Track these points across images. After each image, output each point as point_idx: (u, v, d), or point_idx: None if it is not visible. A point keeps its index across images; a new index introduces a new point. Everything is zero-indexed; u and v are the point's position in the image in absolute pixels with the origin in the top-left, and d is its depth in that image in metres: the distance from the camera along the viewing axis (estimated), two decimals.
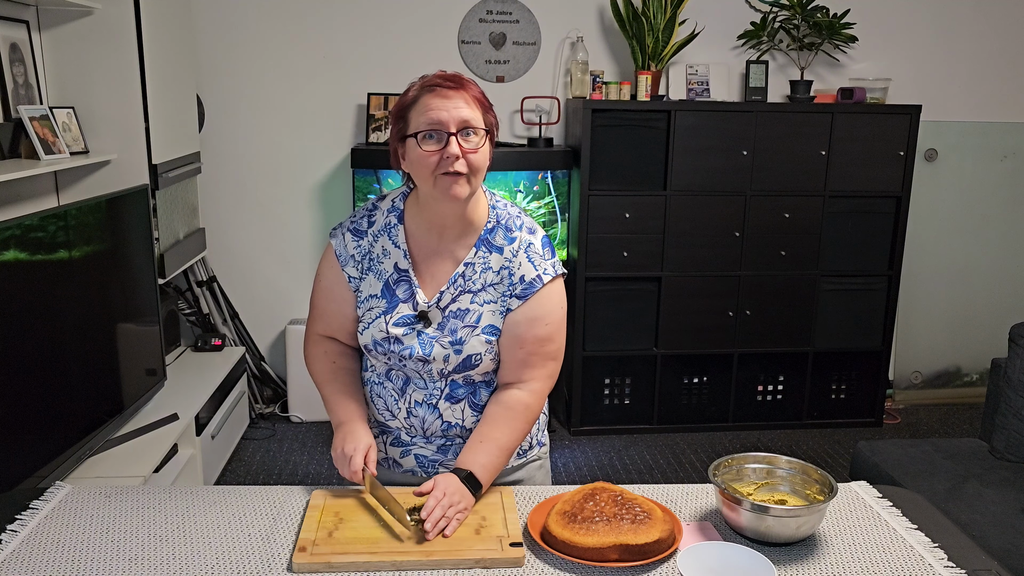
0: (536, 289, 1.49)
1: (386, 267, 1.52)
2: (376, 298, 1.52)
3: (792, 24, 3.91)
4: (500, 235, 1.51)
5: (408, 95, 1.44)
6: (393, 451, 1.61)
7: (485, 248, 1.50)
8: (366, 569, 1.28)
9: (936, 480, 2.53)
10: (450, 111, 1.39)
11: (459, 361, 1.49)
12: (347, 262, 1.54)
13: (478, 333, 1.49)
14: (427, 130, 1.39)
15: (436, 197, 1.43)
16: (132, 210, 2.83)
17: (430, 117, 1.39)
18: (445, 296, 1.50)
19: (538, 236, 1.53)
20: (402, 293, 1.51)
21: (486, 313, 1.49)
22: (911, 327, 4.36)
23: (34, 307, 2.26)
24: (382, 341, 1.50)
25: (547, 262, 1.51)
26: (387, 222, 1.54)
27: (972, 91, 4.24)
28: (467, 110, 1.40)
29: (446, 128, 1.39)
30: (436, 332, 1.49)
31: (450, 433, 1.56)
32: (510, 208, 1.55)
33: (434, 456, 1.59)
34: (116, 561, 1.30)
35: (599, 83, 3.76)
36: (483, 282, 1.50)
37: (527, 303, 1.49)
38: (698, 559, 1.31)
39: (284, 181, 3.97)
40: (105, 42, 2.89)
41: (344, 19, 3.83)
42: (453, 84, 1.41)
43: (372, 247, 1.53)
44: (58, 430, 2.37)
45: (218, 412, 3.29)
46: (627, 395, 3.90)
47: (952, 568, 1.31)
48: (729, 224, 3.77)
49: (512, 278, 1.49)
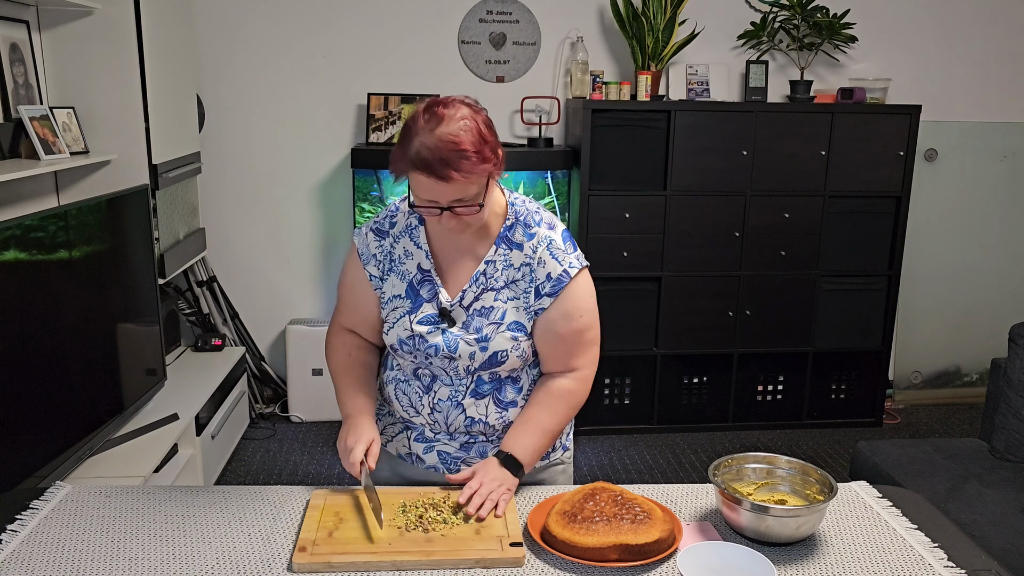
0: (565, 284, 1.50)
1: (408, 267, 1.54)
2: (400, 298, 1.54)
3: (792, 24, 3.91)
4: (519, 232, 1.52)
5: (405, 156, 1.37)
6: (417, 447, 1.63)
7: (505, 245, 1.52)
8: (366, 569, 1.28)
9: (936, 480, 2.53)
10: (440, 196, 1.38)
11: (485, 358, 1.51)
12: (368, 261, 1.57)
13: (503, 330, 1.51)
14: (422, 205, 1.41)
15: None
16: (132, 210, 2.83)
17: (423, 196, 1.39)
18: (468, 295, 1.52)
19: (558, 231, 1.54)
20: (426, 293, 1.53)
21: (510, 310, 1.51)
22: (911, 327, 4.36)
23: (34, 307, 2.26)
24: (407, 340, 1.52)
25: (571, 255, 1.52)
26: (408, 223, 1.56)
27: (972, 91, 4.23)
28: (458, 190, 1.37)
29: (439, 205, 1.40)
30: (461, 330, 1.51)
31: (473, 430, 1.58)
32: (528, 204, 1.56)
33: (457, 453, 1.60)
34: (116, 561, 1.30)
35: (599, 83, 3.76)
36: (505, 279, 1.52)
37: (558, 299, 1.51)
38: (698, 559, 1.31)
39: (284, 181, 3.97)
40: (105, 42, 2.89)
41: (344, 19, 3.83)
42: (440, 176, 1.35)
43: (394, 248, 1.56)
44: (58, 430, 2.37)
45: (218, 412, 3.29)
46: (627, 395, 3.90)
47: (952, 568, 1.31)
48: (729, 224, 3.77)
49: (536, 275, 1.51)
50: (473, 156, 1.36)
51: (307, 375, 3.89)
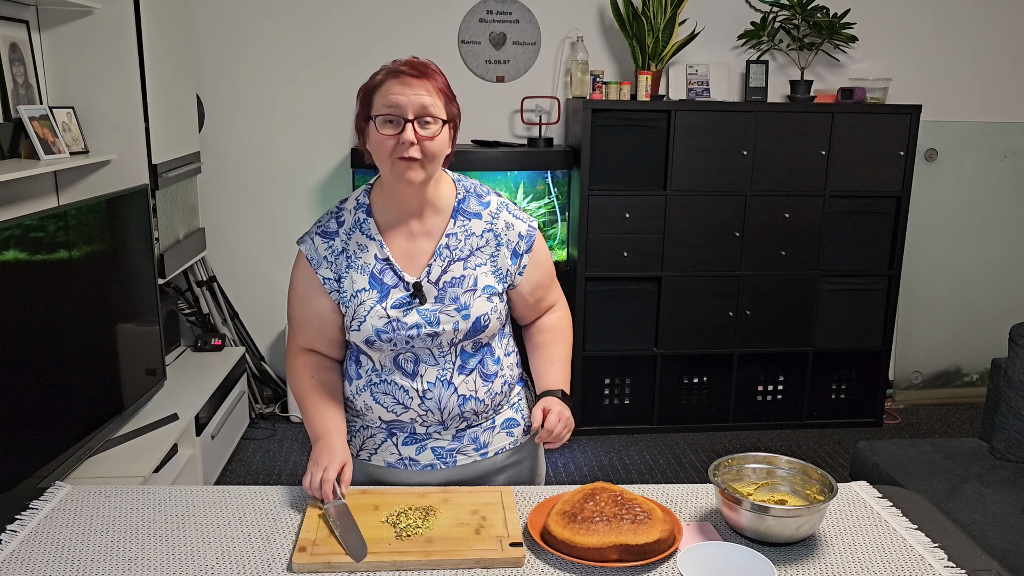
0: (535, 238, 1.62)
1: (366, 260, 1.54)
2: (365, 291, 1.53)
3: (792, 24, 3.91)
4: (473, 202, 1.59)
5: (375, 78, 1.48)
6: (407, 450, 1.59)
7: (463, 217, 1.58)
8: (366, 569, 1.28)
9: (936, 480, 2.53)
10: (409, 97, 1.43)
11: (468, 327, 1.53)
12: (319, 264, 1.55)
13: (479, 295, 1.54)
14: (386, 114, 1.44)
15: (392, 180, 1.50)
16: (132, 210, 2.83)
17: (390, 101, 1.44)
18: (435, 269, 1.54)
19: (504, 196, 1.65)
20: (389, 280, 1.54)
21: (480, 275, 1.55)
22: (911, 327, 4.36)
23: (34, 307, 2.26)
24: (384, 327, 1.51)
25: (525, 214, 1.64)
26: (356, 219, 1.57)
27: (972, 91, 4.24)
28: (427, 98, 1.44)
29: (403, 114, 1.44)
30: (436, 304, 1.52)
31: (466, 410, 1.56)
32: (472, 180, 1.64)
33: (451, 445, 1.59)
34: (116, 561, 1.30)
35: (599, 83, 3.76)
36: (470, 247, 1.56)
37: (532, 253, 1.61)
38: (698, 559, 1.31)
39: (284, 181, 3.97)
40: (105, 42, 2.89)
41: (344, 19, 3.83)
42: (416, 73, 1.45)
43: (347, 245, 1.56)
44: (58, 430, 2.37)
45: (218, 412, 3.29)
46: (627, 395, 3.90)
47: (952, 568, 1.31)
48: (729, 224, 3.77)
49: (503, 236, 1.58)
50: (443, 80, 1.49)
51: None
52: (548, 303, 1.69)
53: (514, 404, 1.66)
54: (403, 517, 1.41)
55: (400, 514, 1.42)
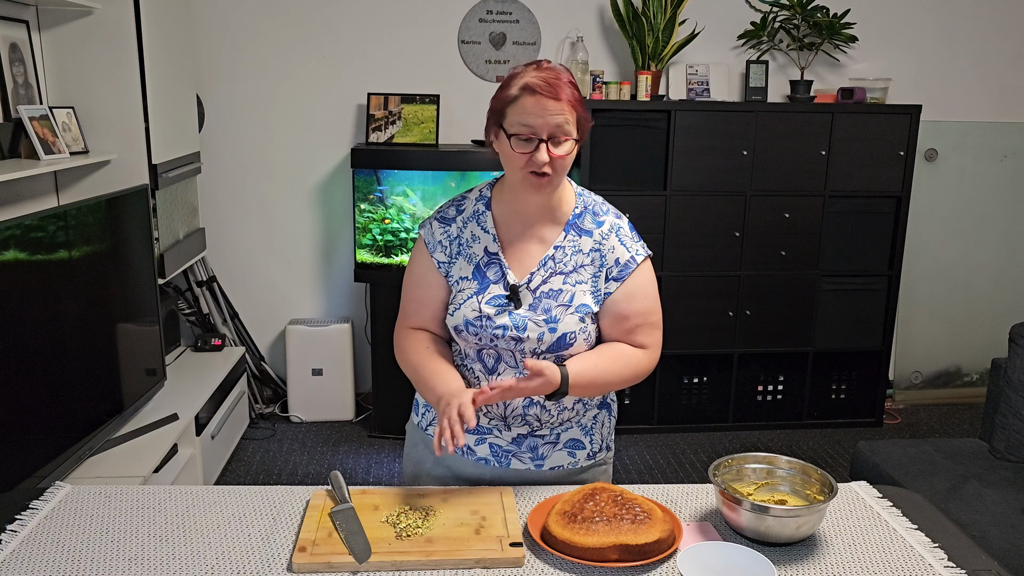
0: (632, 270, 1.58)
1: (476, 251, 1.59)
2: (467, 280, 1.57)
3: (792, 24, 3.91)
4: (588, 219, 1.60)
5: (510, 91, 1.48)
6: (468, 438, 1.62)
7: (575, 232, 1.59)
8: (366, 569, 1.28)
9: (936, 480, 2.53)
10: (545, 118, 1.45)
11: (553, 340, 1.53)
12: (435, 248, 1.61)
13: (572, 312, 1.54)
14: (520, 133, 1.46)
15: (520, 189, 1.53)
16: (132, 210, 2.83)
17: (525, 120, 1.46)
18: (536, 277, 1.56)
19: (624, 220, 1.64)
20: (493, 275, 1.57)
21: (578, 293, 1.56)
22: (911, 327, 4.36)
23: (34, 307, 2.26)
24: (474, 320, 1.54)
25: (637, 244, 1.61)
26: (476, 209, 1.62)
27: (972, 91, 4.23)
28: (561, 117, 1.46)
29: (538, 134, 1.46)
30: (528, 312, 1.54)
31: (529, 413, 1.57)
32: (594, 196, 1.65)
33: (508, 447, 1.61)
34: (116, 561, 1.30)
35: (599, 83, 3.76)
36: (575, 264, 1.57)
37: (624, 284, 1.58)
38: (698, 559, 1.31)
39: (284, 181, 3.97)
40: (105, 42, 2.89)
41: (344, 19, 3.83)
42: (551, 93, 1.45)
43: (461, 232, 1.61)
44: (58, 430, 2.37)
45: (218, 412, 3.29)
46: (627, 395, 3.90)
47: (952, 568, 1.31)
48: (729, 224, 3.77)
49: (605, 260, 1.58)
50: (574, 93, 1.48)
51: (307, 375, 3.89)
52: (633, 340, 1.59)
53: (586, 427, 1.65)
54: (403, 517, 1.41)
55: (400, 514, 1.42)
